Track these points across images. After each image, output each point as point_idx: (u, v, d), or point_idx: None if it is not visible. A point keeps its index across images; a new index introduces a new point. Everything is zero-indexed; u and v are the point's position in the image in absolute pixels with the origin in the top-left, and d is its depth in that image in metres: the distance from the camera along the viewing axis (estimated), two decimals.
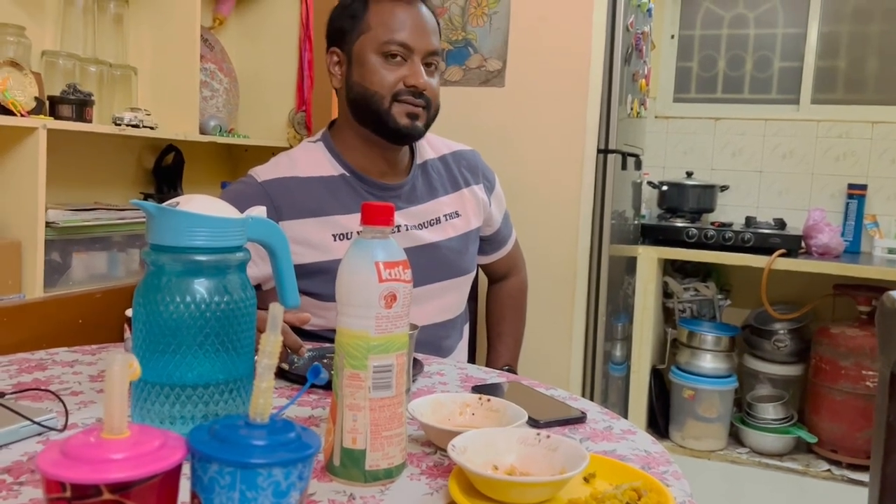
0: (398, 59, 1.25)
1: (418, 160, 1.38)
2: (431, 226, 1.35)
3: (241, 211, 0.80)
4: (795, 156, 2.87)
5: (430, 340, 1.32)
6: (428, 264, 1.31)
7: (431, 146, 1.42)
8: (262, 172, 1.29)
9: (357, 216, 1.26)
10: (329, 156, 1.32)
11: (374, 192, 1.31)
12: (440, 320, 1.35)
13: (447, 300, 1.37)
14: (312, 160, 1.32)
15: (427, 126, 1.31)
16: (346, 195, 1.29)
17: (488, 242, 1.52)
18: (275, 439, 0.51)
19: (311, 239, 1.26)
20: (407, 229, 1.32)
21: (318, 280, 1.25)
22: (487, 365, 1.51)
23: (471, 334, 1.62)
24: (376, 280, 0.70)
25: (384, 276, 0.70)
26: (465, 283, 1.41)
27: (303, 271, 1.23)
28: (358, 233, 0.74)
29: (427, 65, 1.28)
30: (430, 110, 1.30)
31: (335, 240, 1.26)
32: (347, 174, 1.31)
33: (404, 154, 1.37)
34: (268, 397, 0.53)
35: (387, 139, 1.29)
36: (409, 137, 1.30)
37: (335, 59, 1.31)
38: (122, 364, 0.48)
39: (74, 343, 1.22)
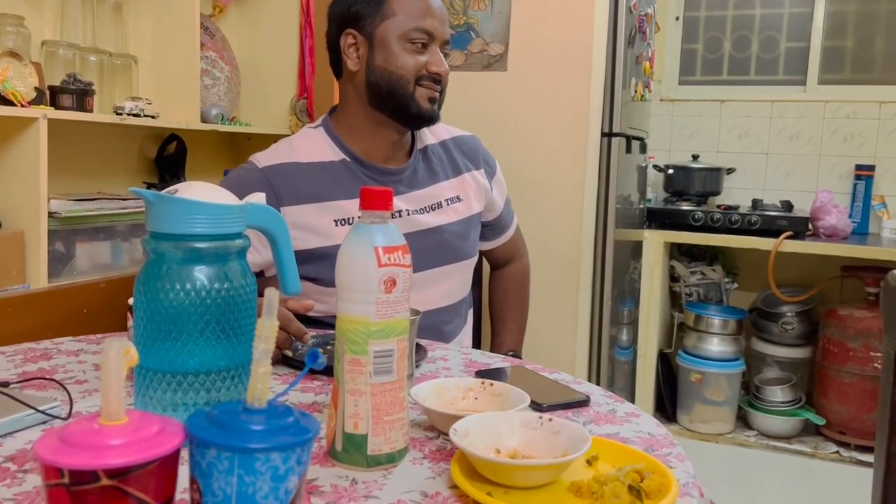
0: (420, 45, 1.27)
1: (419, 145, 1.38)
2: (433, 210, 1.35)
3: (242, 197, 0.80)
4: (802, 137, 2.84)
5: (433, 325, 1.32)
6: (429, 249, 1.31)
7: (432, 131, 1.42)
8: (263, 158, 1.29)
9: (358, 201, 1.26)
10: (330, 141, 1.32)
11: (375, 176, 1.31)
12: (442, 305, 1.35)
13: (449, 285, 1.37)
14: (313, 146, 1.32)
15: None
16: (347, 180, 1.29)
17: (490, 228, 1.51)
18: (273, 424, 0.51)
19: (312, 224, 1.25)
20: (408, 214, 1.31)
21: (320, 265, 1.25)
22: (492, 351, 1.50)
23: (475, 320, 1.62)
24: (376, 265, 0.70)
25: (384, 261, 0.70)
26: (467, 267, 1.40)
27: (304, 257, 1.23)
28: (358, 217, 0.73)
29: (444, 53, 1.31)
30: (443, 96, 1.33)
31: (337, 225, 1.26)
32: (348, 159, 1.31)
33: (407, 139, 1.37)
34: (265, 382, 0.52)
35: (404, 122, 1.30)
36: (429, 121, 1.31)
37: (351, 41, 1.30)
38: (118, 350, 0.48)
39: (79, 332, 1.22)
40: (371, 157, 1.32)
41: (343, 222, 1.27)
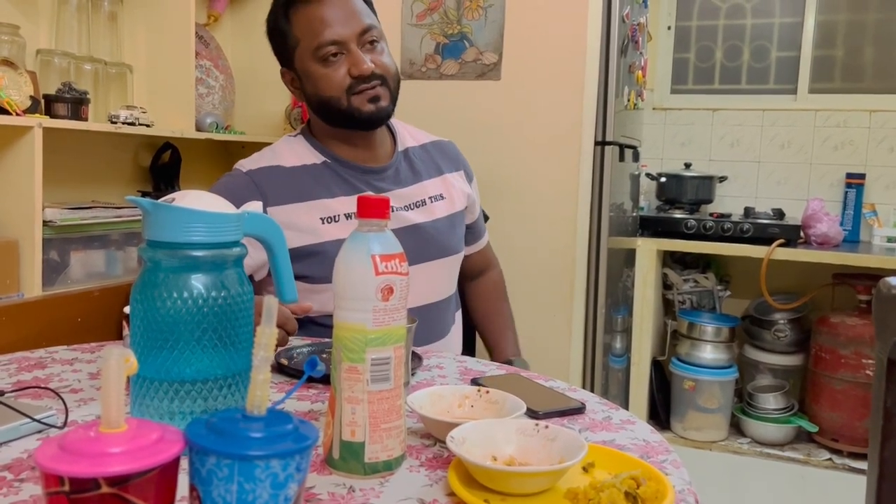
0: (336, 56, 1.26)
1: (400, 147, 1.41)
2: (417, 207, 1.37)
3: (232, 203, 0.80)
4: (793, 145, 2.86)
5: (421, 322, 1.32)
6: (416, 245, 1.32)
7: (412, 136, 1.46)
8: (247, 164, 1.33)
9: (344, 199, 1.28)
10: (310, 146, 1.36)
11: (358, 175, 1.33)
12: (430, 301, 1.36)
13: (436, 281, 1.38)
14: (294, 151, 1.35)
15: (393, 101, 1.32)
16: (330, 180, 1.32)
17: (468, 232, 1.53)
18: (272, 431, 0.51)
19: (298, 223, 1.27)
20: (394, 210, 1.32)
21: (308, 263, 1.26)
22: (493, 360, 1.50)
23: (466, 326, 1.62)
24: (373, 273, 0.70)
25: (380, 269, 0.70)
26: (453, 263, 1.42)
27: (292, 255, 1.23)
28: (346, 216, 0.74)
29: (366, 42, 1.28)
30: (389, 84, 1.31)
31: (323, 223, 1.28)
32: (330, 161, 1.34)
33: (384, 139, 1.39)
34: (264, 389, 0.53)
35: (360, 129, 1.32)
36: (379, 120, 1.32)
37: (289, 77, 1.35)
38: (118, 358, 0.48)
39: (73, 341, 1.22)
40: (352, 159, 1.34)
41: (330, 220, 1.28)
